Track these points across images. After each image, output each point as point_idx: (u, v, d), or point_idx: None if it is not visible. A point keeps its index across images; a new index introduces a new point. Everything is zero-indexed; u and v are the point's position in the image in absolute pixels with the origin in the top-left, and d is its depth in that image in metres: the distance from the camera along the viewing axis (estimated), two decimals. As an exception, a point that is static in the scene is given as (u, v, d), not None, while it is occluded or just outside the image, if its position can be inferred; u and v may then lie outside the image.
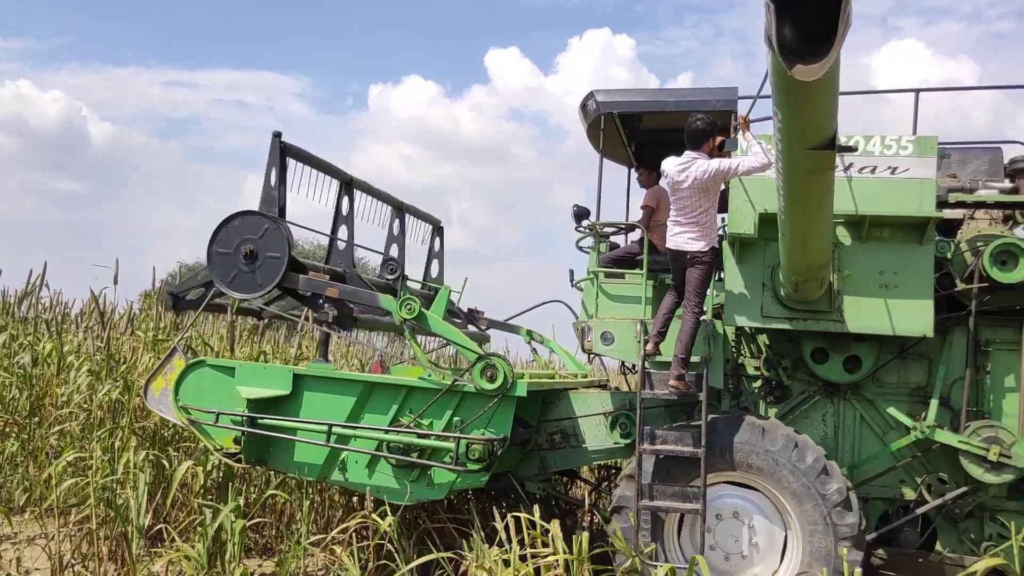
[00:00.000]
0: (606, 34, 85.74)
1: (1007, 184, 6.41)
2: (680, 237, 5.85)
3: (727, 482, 5.89)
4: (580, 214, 6.80)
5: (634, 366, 6.35)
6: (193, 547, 5.48)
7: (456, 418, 5.83)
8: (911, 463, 6.24)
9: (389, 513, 5.50)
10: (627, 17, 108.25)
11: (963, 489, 5.99)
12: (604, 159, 7.07)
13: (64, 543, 6.08)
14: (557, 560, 4.99)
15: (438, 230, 9.08)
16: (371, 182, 7.54)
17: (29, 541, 6.72)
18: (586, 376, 8.25)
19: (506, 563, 4.94)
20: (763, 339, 6.54)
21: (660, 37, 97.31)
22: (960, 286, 6.03)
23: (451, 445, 5.67)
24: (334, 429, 5.95)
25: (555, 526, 5.10)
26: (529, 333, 8.90)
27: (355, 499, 7.07)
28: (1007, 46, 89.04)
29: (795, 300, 5.94)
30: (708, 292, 6.01)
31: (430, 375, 5.93)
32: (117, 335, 8.98)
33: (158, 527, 6.15)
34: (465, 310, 9.01)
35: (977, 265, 5.89)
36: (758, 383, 6.58)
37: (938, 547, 6.19)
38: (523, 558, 5.00)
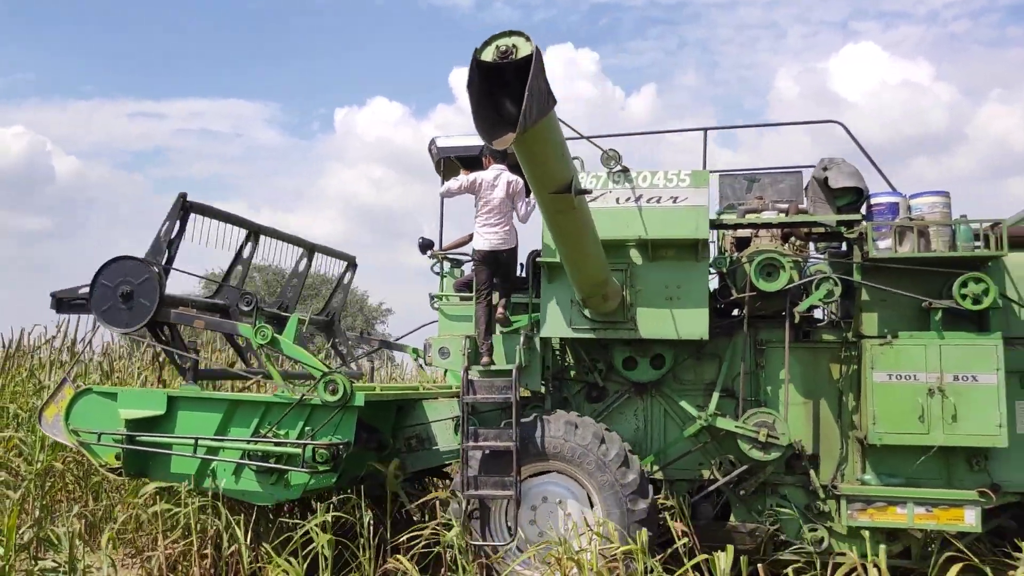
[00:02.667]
0: (568, 49, 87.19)
1: (784, 206, 7.53)
2: (495, 237, 7.01)
3: (546, 471, 6.90)
4: (424, 245, 7.81)
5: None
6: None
7: (307, 427, 6.76)
8: (707, 448, 7.31)
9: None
10: (591, 31, 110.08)
11: (744, 467, 7.06)
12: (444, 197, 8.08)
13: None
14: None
15: (352, 266, 10.11)
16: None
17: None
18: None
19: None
20: (581, 348, 7.57)
21: (625, 50, 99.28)
22: (735, 295, 7.12)
23: (300, 451, 6.61)
24: (208, 442, 6.86)
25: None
26: (415, 351, 9.86)
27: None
28: (962, 46, 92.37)
29: (596, 313, 6.98)
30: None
31: (283, 392, 6.86)
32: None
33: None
34: (359, 332, 9.99)
35: (748, 276, 6.99)
36: (579, 386, 7.61)
37: (732, 519, 7.25)
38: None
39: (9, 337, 11.79)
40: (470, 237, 7.64)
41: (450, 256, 7.99)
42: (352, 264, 10.00)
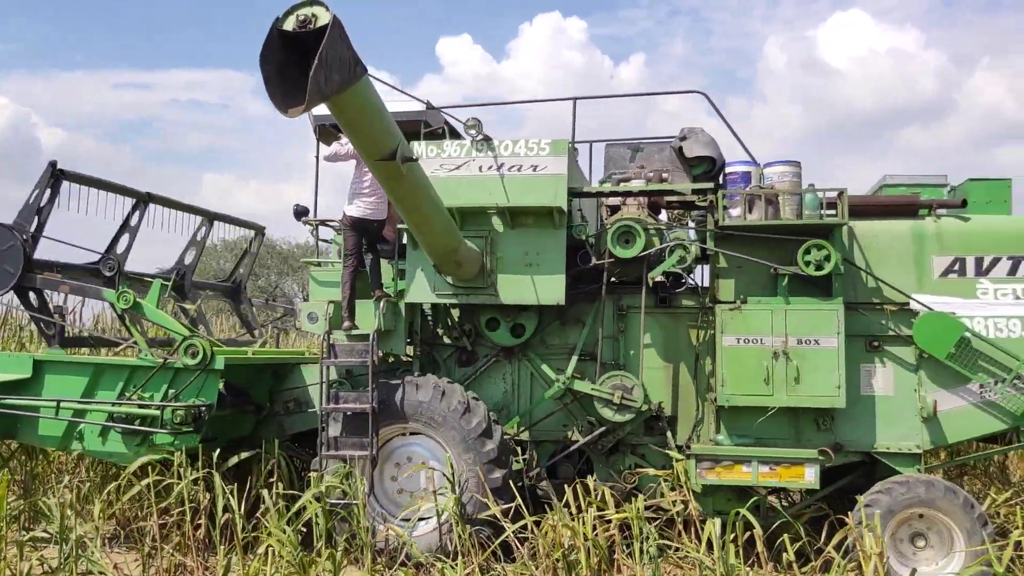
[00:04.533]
0: (556, 18, 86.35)
1: (650, 175, 7.68)
2: (366, 206, 7.22)
3: (409, 433, 7.09)
4: (299, 212, 7.90)
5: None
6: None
7: (171, 390, 6.91)
8: (570, 410, 7.53)
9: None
10: None
11: (603, 428, 7.29)
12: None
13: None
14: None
15: (259, 234, 10.20)
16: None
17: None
18: None
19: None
20: (450, 313, 7.73)
21: (616, 18, 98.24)
22: (594, 262, 7.30)
23: (165, 413, 6.75)
24: (73, 404, 6.98)
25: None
26: None
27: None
28: (953, 12, 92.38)
29: (458, 279, 7.14)
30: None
31: (147, 356, 6.98)
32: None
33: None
34: (265, 299, 10.13)
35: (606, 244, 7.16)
36: (449, 350, 7.79)
37: (595, 477, 7.49)
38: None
39: None
40: None
41: (323, 222, 8.10)
42: (260, 232, 10.11)
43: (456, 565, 6.01)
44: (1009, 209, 7.17)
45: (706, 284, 7.54)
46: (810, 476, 6.81)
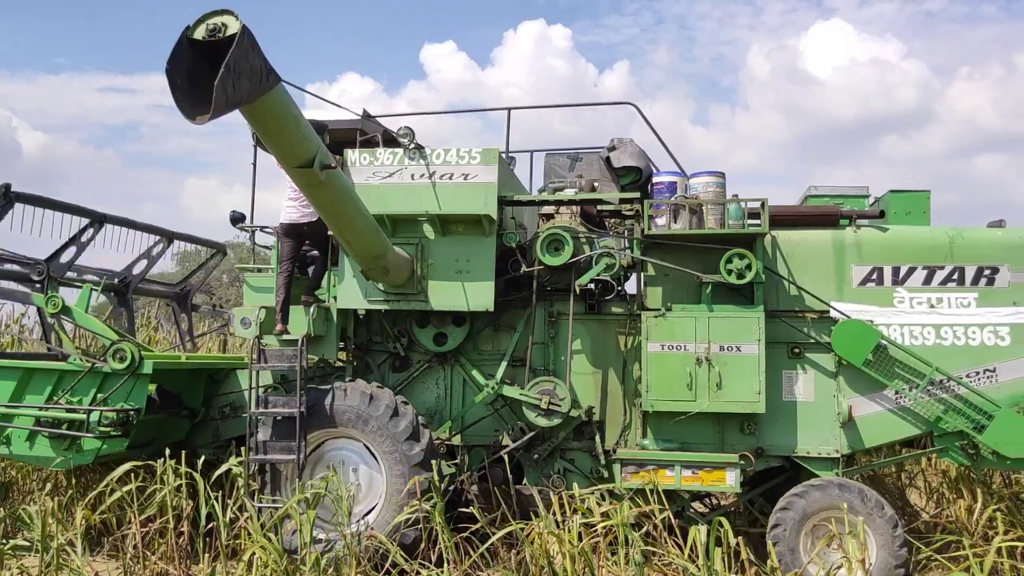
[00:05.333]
0: (540, 25, 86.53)
1: (583, 183, 7.82)
2: (293, 211, 7.29)
3: (344, 437, 7.14)
4: (235, 218, 7.94)
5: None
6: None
7: (100, 394, 6.92)
8: (502, 415, 7.63)
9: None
10: (568, 6, 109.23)
11: (533, 433, 7.40)
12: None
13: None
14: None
15: (220, 253, 10.25)
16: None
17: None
18: None
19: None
20: (384, 319, 7.80)
21: (601, 25, 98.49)
22: (524, 269, 7.41)
23: (92, 417, 6.76)
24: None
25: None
26: None
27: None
28: (933, 23, 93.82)
29: (389, 285, 7.22)
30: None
31: (76, 360, 6.99)
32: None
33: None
34: (211, 306, 10.17)
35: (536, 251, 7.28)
36: (383, 356, 7.87)
37: (526, 481, 7.59)
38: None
39: None
40: None
41: (260, 228, 8.15)
42: (221, 252, 10.19)
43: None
44: (928, 220, 7.39)
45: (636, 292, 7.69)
46: (731, 480, 6.97)
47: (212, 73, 4.56)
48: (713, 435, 7.22)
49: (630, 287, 7.82)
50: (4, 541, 6.57)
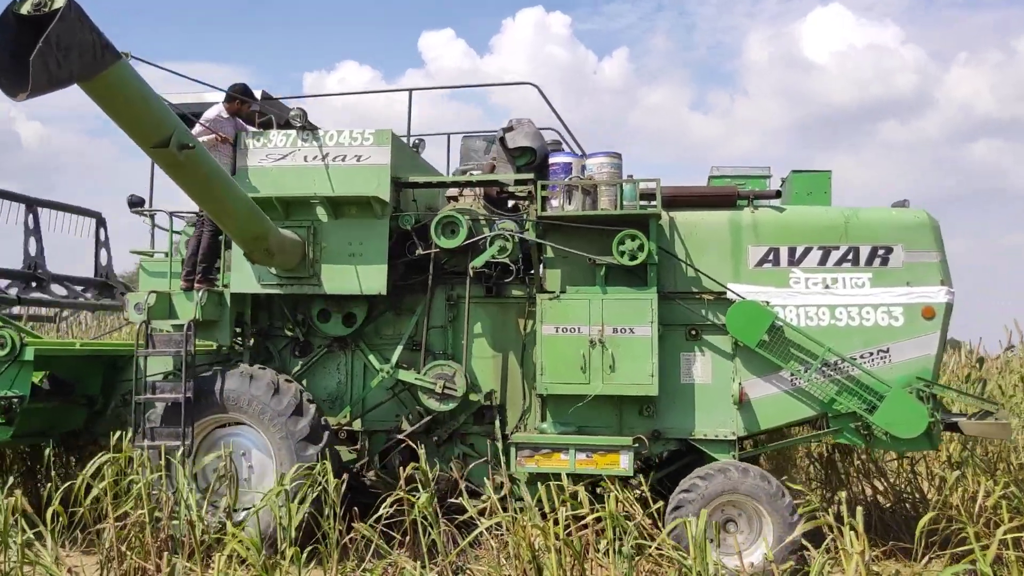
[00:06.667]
0: (539, 13, 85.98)
1: (486, 166, 7.73)
2: None
3: (236, 422, 7.06)
4: (133, 202, 7.82)
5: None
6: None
7: (-17, 382, 6.81)
8: (401, 399, 7.55)
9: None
10: None
11: (429, 417, 7.32)
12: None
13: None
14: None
15: (101, 222, 10.03)
16: None
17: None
18: None
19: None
20: (284, 304, 7.70)
21: (600, 13, 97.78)
22: (419, 252, 7.32)
23: (-27, 405, 6.67)
24: None
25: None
26: None
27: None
28: (932, 8, 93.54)
29: (279, 268, 7.12)
30: None
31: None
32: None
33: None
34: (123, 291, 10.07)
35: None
36: (284, 341, 7.77)
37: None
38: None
39: None
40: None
41: (156, 213, 8.03)
42: (100, 221, 9.96)
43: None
44: (829, 200, 7.32)
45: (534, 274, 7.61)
46: (624, 463, 6.89)
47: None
48: (612, 418, 7.14)
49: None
50: None
